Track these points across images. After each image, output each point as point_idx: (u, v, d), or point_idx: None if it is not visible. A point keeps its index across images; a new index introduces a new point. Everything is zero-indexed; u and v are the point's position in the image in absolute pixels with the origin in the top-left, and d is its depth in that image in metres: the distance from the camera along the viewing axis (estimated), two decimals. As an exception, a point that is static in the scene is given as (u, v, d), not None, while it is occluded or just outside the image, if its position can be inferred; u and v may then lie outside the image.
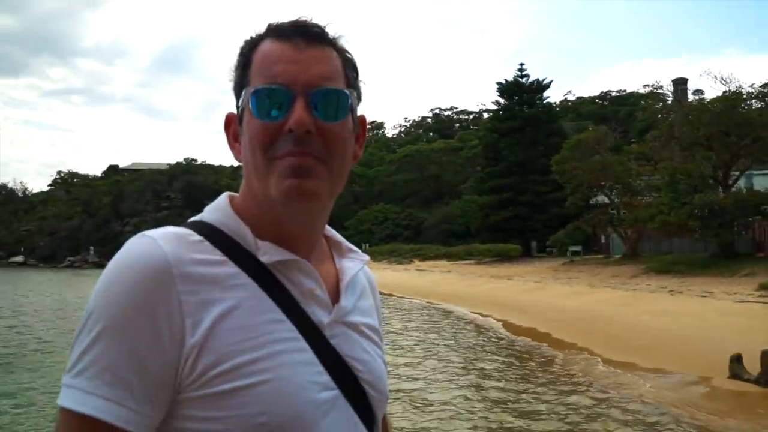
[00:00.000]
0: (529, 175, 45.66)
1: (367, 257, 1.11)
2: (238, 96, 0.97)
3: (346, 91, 0.95)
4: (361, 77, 1.01)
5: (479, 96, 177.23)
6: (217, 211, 0.97)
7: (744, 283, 21.56)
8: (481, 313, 21.76)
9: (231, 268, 0.88)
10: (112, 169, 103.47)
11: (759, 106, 31.61)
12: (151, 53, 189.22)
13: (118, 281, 0.83)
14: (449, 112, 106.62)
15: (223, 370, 0.82)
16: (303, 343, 0.89)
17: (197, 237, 0.90)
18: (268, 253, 0.92)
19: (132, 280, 0.83)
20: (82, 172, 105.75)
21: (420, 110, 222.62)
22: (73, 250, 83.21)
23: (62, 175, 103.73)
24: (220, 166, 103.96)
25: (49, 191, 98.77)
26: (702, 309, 17.15)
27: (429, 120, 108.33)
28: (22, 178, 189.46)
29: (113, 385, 0.79)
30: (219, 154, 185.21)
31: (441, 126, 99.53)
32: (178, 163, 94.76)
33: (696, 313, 16.52)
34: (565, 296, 22.94)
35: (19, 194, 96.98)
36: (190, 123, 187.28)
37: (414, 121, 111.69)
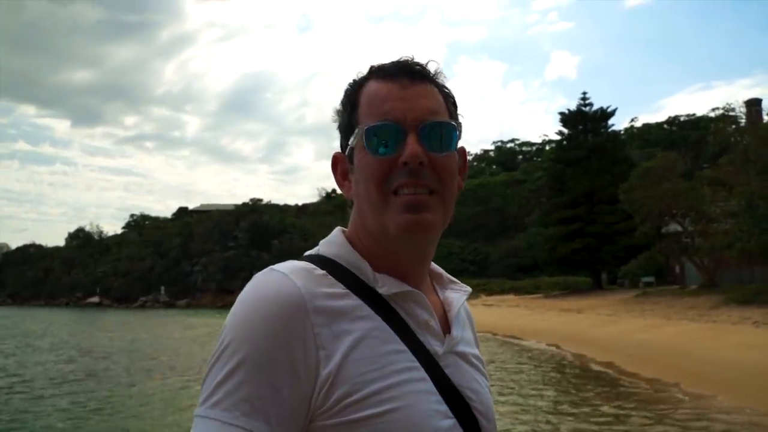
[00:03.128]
0: (597, 205, 44.55)
1: (469, 289, 1.14)
2: (346, 136, 1.03)
3: (452, 123, 1.01)
4: (459, 111, 1.08)
5: (541, 127, 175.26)
6: (334, 245, 1.02)
7: (835, 312, 20.17)
8: (557, 345, 21.10)
9: (354, 301, 0.92)
10: (182, 211, 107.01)
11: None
12: (218, 97, 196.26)
13: (255, 315, 0.87)
14: (511, 144, 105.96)
15: (355, 399, 0.85)
16: (423, 373, 0.92)
17: (321, 271, 0.94)
18: (386, 285, 0.96)
19: (270, 314, 0.86)
20: (153, 214, 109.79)
21: (482, 143, 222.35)
22: (146, 290, 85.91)
23: (135, 218, 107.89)
24: (285, 206, 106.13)
25: (122, 234, 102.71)
26: (790, 341, 16.08)
27: (491, 153, 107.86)
28: (99, 222, 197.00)
29: (251, 415, 0.82)
30: (284, 193, 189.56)
31: (504, 158, 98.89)
32: (244, 204, 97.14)
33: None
34: (640, 329, 21.98)
35: (96, 237, 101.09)
36: (256, 165, 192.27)
37: (476, 154, 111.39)
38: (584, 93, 50.07)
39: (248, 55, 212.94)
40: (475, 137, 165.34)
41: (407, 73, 1.00)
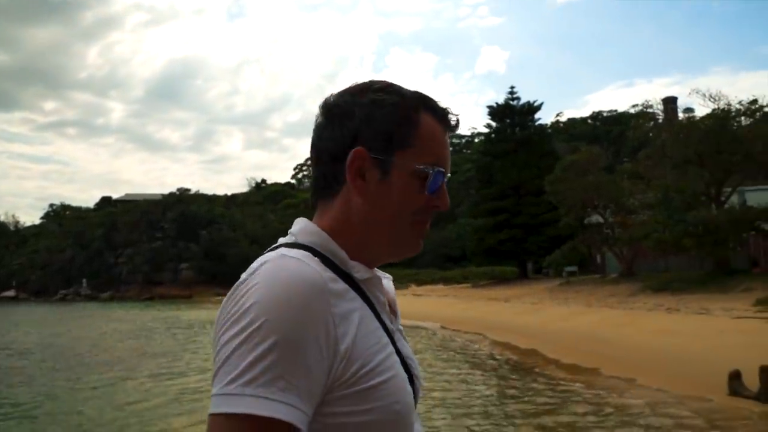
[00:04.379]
0: (524, 196, 45.70)
1: (390, 276, 1.26)
2: (389, 141, 1.07)
3: None
4: None
5: (471, 120, 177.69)
6: (312, 234, 1.08)
7: (741, 299, 21.45)
8: (482, 333, 21.58)
9: (343, 285, 1.01)
10: (105, 201, 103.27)
11: (748, 122, 31.81)
12: (145, 83, 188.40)
13: (287, 297, 0.92)
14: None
15: (367, 370, 0.96)
16: (392, 346, 1.05)
17: (317, 258, 1.02)
18: (360, 272, 1.06)
19: (301, 296, 0.92)
20: (75, 204, 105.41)
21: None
22: (66, 283, 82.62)
23: (54, 207, 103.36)
24: (214, 196, 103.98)
25: (41, 224, 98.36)
26: (700, 326, 17.02)
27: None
28: (15, 212, 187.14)
29: (287, 390, 0.89)
30: (213, 183, 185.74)
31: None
32: (171, 194, 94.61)
33: (694, 330, 16.40)
34: (563, 317, 22.78)
35: (11, 228, 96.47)
36: (184, 153, 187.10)
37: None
38: (512, 87, 51.05)
39: (177, 40, 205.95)
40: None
41: (449, 124, 1.12)
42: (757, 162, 29.32)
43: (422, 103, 1.10)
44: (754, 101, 33.87)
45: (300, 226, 1.12)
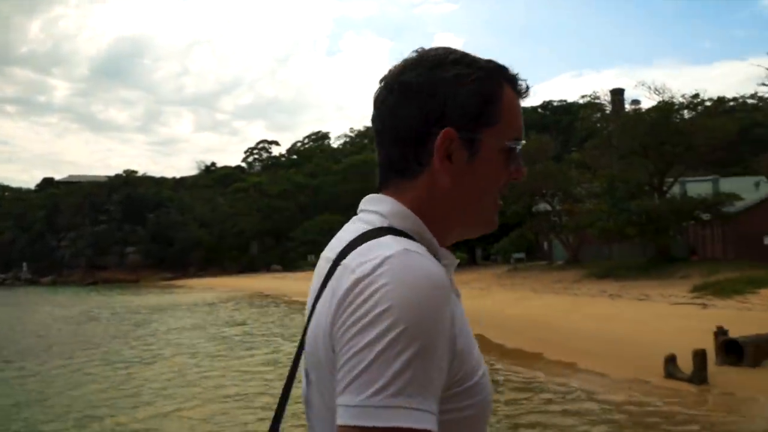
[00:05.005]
0: (473, 183, 46.16)
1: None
2: (473, 120, 1.01)
3: None
4: None
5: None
6: (407, 219, 1.01)
7: (679, 285, 22.22)
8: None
9: (447, 278, 0.95)
10: (47, 182, 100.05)
11: (690, 115, 32.79)
12: (90, 61, 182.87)
13: (428, 300, 0.86)
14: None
15: (471, 367, 0.93)
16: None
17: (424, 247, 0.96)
18: (447, 258, 1.02)
19: (437, 299, 0.87)
20: (15, 185, 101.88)
21: (365, 120, 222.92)
22: (5, 266, 79.99)
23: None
24: (162, 178, 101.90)
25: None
26: (640, 312, 17.57)
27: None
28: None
29: (430, 399, 0.85)
30: (162, 165, 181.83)
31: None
32: (117, 176, 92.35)
33: (634, 316, 16.92)
34: (510, 302, 23.17)
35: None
36: (131, 134, 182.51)
37: (359, 131, 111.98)
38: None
39: (124, 17, 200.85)
40: (359, 113, 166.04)
41: (522, 92, 1.07)
42: (697, 154, 30.30)
43: (502, 75, 1.05)
44: (696, 95, 34.93)
45: (390, 207, 1.02)
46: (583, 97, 73.65)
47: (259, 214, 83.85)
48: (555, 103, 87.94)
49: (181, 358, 15.80)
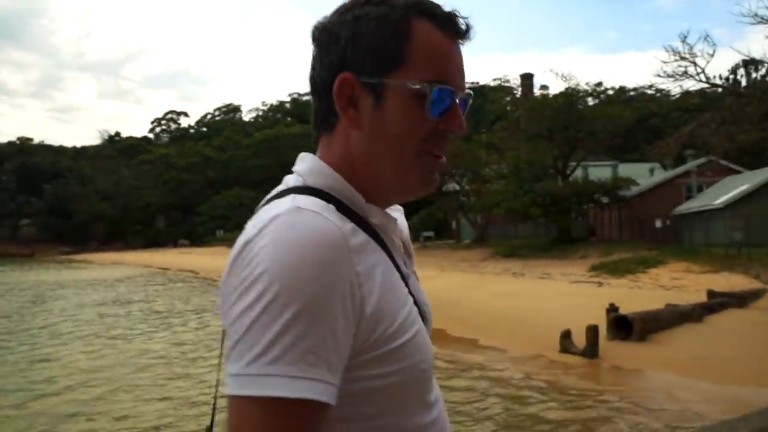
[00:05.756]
0: (385, 162, 46.48)
1: (401, 207, 1.13)
2: (375, 61, 0.92)
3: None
4: None
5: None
6: (325, 176, 0.94)
7: (579, 264, 23.26)
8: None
9: (363, 235, 0.89)
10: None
11: (593, 103, 34.16)
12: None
13: (304, 260, 0.80)
14: (308, 97, 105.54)
15: (393, 330, 0.86)
16: (409, 296, 0.93)
17: (332, 206, 0.89)
18: (377, 217, 0.94)
19: (321, 258, 0.81)
20: None
21: (278, 94, 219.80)
22: None
23: None
24: (61, 147, 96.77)
25: None
26: (541, 289, 18.28)
27: (287, 104, 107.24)
28: None
29: (317, 365, 0.79)
30: (60, 134, 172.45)
31: (300, 111, 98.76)
32: (10, 143, 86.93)
33: (536, 293, 17.58)
34: (417, 280, 23.53)
35: None
36: (25, 99, 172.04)
37: (272, 105, 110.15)
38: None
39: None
40: (272, 87, 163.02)
41: (456, 29, 0.95)
42: (598, 140, 31.69)
43: (415, 8, 0.93)
44: (599, 83, 36.40)
45: (307, 165, 0.96)
46: (495, 80, 75.50)
47: (165, 187, 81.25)
48: (467, 85, 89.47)
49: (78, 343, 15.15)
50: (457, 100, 0.95)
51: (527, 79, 52.99)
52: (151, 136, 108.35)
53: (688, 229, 28.72)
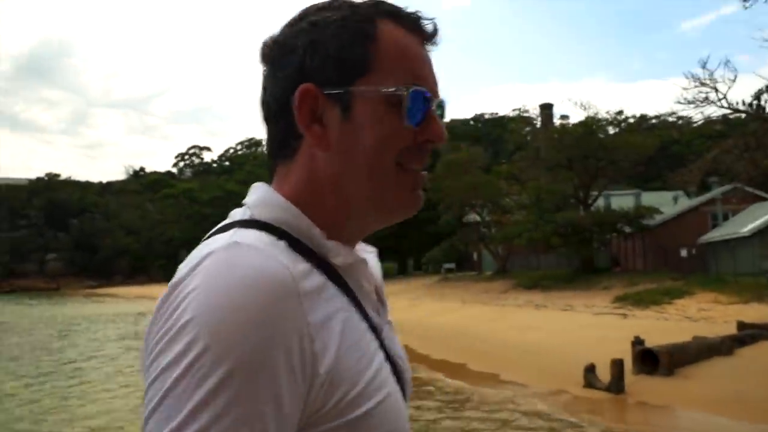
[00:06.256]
0: (405, 193, 46.48)
1: (374, 249, 1.00)
2: (338, 69, 0.81)
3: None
4: None
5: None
6: (276, 208, 0.80)
7: (602, 296, 22.82)
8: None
9: (320, 277, 0.76)
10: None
11: (614, 131, 33.92)
12: (12, 59, 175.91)
13: (241, 307, 0.66)
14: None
15: (355, 394, 0.72)
16: (381, 351, 0.80)
17: (281, 242, 0.75)
18: (340, 255, 0.80)
19: (261, 305, 0.67)
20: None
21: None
22: None
23: None
24: (87, 183, 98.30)
25: None
26: (563, 322, 17.91)
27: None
28: None
29: None
30: (88, 169, 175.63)
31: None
32: (39, 179, 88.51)
33: (558, 326, 17.22)
34: (438, 312, 23.26)
35: None
36: (56, 136, 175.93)
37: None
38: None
39: (50, 14, 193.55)
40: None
41: (422, 32, 0.85)
42: (619, 168, 31.36)
43: (379, 10, 0.84)
44: (620, 112, 36.16)
45: (258, 195, 0.83)
46: (514, 110, 75.54)
47: (188, 221, 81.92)
48: (487, 116, 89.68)
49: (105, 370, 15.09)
50: (434, 107, 0.84)
51: (547, 108, 52.91)
52: (174, 170, 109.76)
53: (714, 258, 28.13)
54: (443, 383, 12.17)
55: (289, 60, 0.82)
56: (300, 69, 0.81)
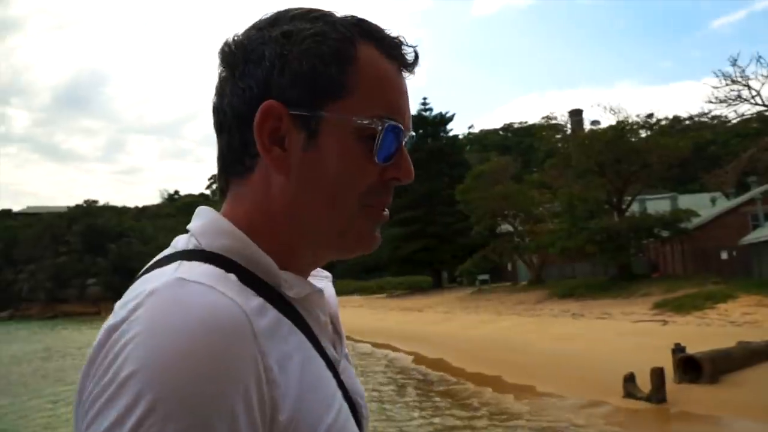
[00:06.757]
0: (436, 206, 46.27)
1: (329, 274, 0.95)
2: (309, 90, 0.73)
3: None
4: None
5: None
6: (222, 235, 0.73)
7: (640, 303, 22.25)
8: (390, 344, 21.44)
9: (274, 312, 0.68)
10: (5, 214, 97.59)
11: (645, 134, 33.32)
12: (51, 90, 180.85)
13: (189, 353, 0.58)
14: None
15: None
16: (339, 390, 0.74)
17: (232, 276, 0.68)
18: (294, 287, 0.73)
19: (214, 351, 0.59)
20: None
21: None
22: (-40, 302, 77.48)
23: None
24: (124, 208, 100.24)
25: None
26: (601, 330, 17.48)
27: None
28: None
29: None
30: (125, 194, 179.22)
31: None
32: (77, 206, 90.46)
33: (595, 334, 16.80)
34: (472, 325, 22.95)
35: None
36: (94, 164, 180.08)
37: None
38: (424, 98, 51.85)
39: (84, 46, 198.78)
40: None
41: (403, 60, 0.79)
42: (653, 171, 30.71)
43: (360, 30, 0.76)
44: (651, 115, 35.56)
45: (204, 221, 0.76)
46: (544, 118, 74.81)
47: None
48: (516, 125, 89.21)
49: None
50: (404, 142, 0.78)
51: (576, 114, 52.39)
52: (208, 192, 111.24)
53: (757, 259, 27.27)
54: (477, 395, 11.93)
55: (253, 70, 0.74)
56: (266, 82, 0.73)
